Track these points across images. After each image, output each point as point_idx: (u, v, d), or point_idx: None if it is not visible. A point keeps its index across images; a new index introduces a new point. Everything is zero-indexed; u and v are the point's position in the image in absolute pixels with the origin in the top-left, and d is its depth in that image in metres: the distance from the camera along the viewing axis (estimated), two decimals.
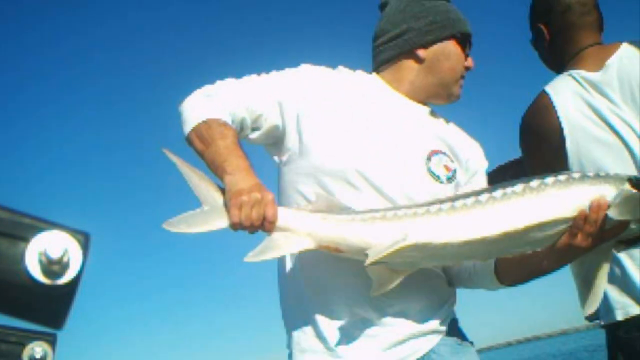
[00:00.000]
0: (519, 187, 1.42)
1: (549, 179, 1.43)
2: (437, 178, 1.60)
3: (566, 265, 1.52)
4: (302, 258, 1.59)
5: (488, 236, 1.39)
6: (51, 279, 0.59)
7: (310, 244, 1.43)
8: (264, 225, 1.38)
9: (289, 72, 1.66)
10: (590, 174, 1.45)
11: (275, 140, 1.63)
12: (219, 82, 1.61)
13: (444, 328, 1.61)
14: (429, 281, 1.61)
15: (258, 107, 1.58)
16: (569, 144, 1.90)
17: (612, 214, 1.38)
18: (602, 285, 1.51)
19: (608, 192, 1.40)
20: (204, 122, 1.50)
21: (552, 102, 1.94)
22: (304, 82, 1.63)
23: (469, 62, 1.73)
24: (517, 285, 1.61)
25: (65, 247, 0.59)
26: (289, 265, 1.64)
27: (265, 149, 1.69)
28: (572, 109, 1.91)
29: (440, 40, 1.69)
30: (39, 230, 0.59)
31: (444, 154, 1.65)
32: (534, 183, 1.42)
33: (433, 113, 1.74)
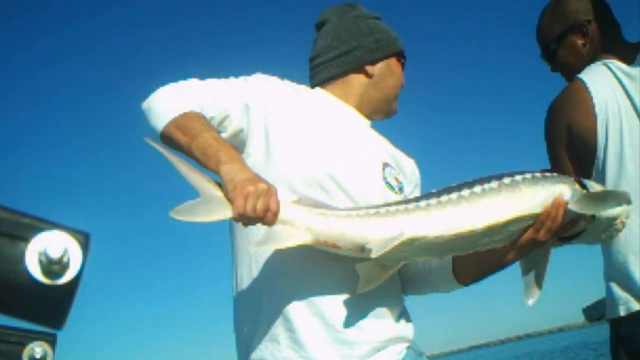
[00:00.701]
0: (494, 183, 1.50)
1: (518, 177, 1.52)
2: (392, 188, 1.66)
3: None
4: (264, 267, 1.58)
5: (474, 230, 1.45)
6: (51, 279, 0.58)
7: (308, 239, 1.42)
8: (267, 217, 1.34)
9: (252, 78, 1.66)
10: (548, 174, 1.55)
11: (236, 144, 1.57)
12: (182, 81, 1.58)
13: (411, 335, 1.64)
14: (394, 285, 1.65)
15: (226, 107, 1.56)
16: (600, 131, 1.91)
17: (572, 210, 1.50)
18: (544, 276, 1.60)
19: (565, 191, 1.52)
20: (182, 114, 1.47)
21: (587, 88, 1.94)
22: (268, 89, 1.64)
23: (404, 78, 1.82)
24: (473, 283, 1.67)
25: (65, 247, 0.59)
26: (248, 274, 1.61)
27: None
28: (607, 95, 1.92)
29: (387, 57, 1.77)
30: (39, 230, 0.59)
31: (392, 167, 1.71)
32: (507, 180, 1.51)
33: (374, 128, 1.80)
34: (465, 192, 1.48)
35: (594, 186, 1.60)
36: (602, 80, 1.94)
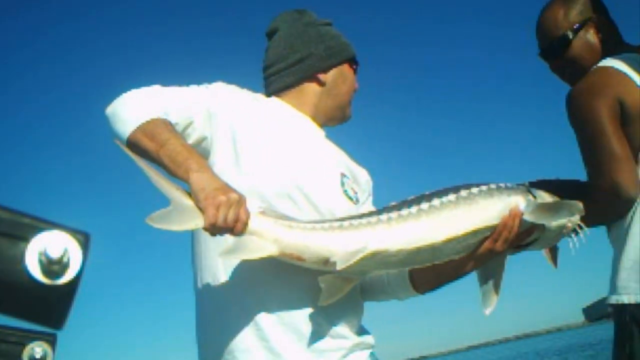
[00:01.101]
0: (451, 196, 1.53)
1: (475, 189, 1.55)
2: (350, 198, 1.67)
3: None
4: (230, 277, 1.56)
5: (434, 243, 1.48)
6: (51, 279, 0.58)
7: (274, 251, 1.42)
8: (237, 227, 1.34)
9: (214, 86, 1.65)
10: (502, 185, 1.58)
11: (200, 152, 1.52)
12: (146, 87, 1.55)
13: (373, 341, 1.67)
14: (357, 294, 1.67)
15: (190, 114, 1.54)
16: None
17: (527, 219, 1.53)
18: (500, 284, 1.63)
19: (520, 202, 1.55)
20: (149, 121, 1.43)
21: (619, 69, 1.90)
22: (231, 97, 1.63)
23: (357, 83, 1.82)
24: (430, 292, 1.69)
25: (65, 247, 0.59)
26: (213, 284, 1.59)
27: None
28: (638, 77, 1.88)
29: (339, 64, 1.77)
30: (39, 230, 0.59)
31: (348, 177, 1.72)
32: (463, 192, 1.54)
33: (327, 136, 1.80)
34: (425, 205, 1.51)
35: (543, 195, 1.63)
36: (628, 66, 1.90)
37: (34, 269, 0.58)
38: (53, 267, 0.58)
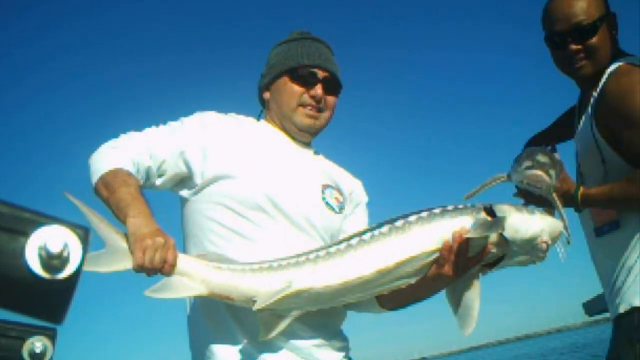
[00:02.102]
0: (385, 228, 1.58)
1: (412, 217, 1.59)
2: (331, 208, 1.79)
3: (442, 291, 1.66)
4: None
5: (362, 276, 1.54)
6: (51, 274, 0.58)
7: (203, 291, 1.55)
8: (164, 268, 1.48)
9: (187, 120, 1.81)
10: (450, 207, 1.60)
11: (181, 179, 1.76)
12: (122, 135, 1.75)
13: (345, 345, 1.80)
14: (333, 309, 1.73)
15: (161, 154, 1.72)
16: None
17: (472, 239, 1.53)
18: (476, 306, 1.63)
19: (466, 222, 1.56)
20: (109, 171, 1.62)
21: None
22: (204, 129, 1.78)
23: (315, 90, 1.84)
24: (397, 309, 1.77)
25: (65, 241, 0.59)
26: (195, 305, 1.77)
27: (171, 189, 1.81)
28: None
29: (275, 79, 1.88)
30: (39, 224, 0.59)
31: (332, 187, 1.84)
32: (399, 222, 1.59)
33: (316, 152, 1.94)
34: (354, 240, 1.58)
35: (503, 209, 1.60)
36: None
37: (34, 264, 0.58)
38: (53, 261, 0.58)
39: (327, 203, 1.78)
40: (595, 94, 2.06)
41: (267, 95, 1.92)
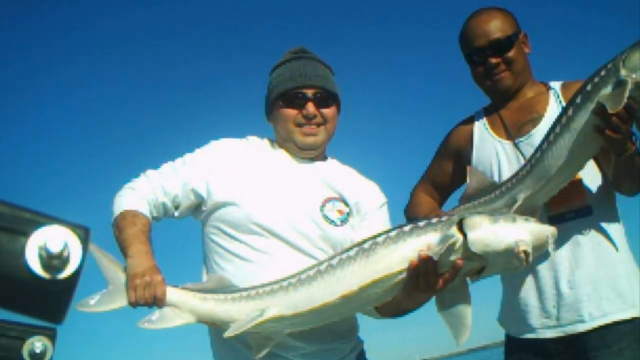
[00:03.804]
0: (353, 251, 1.63)
1: (380, 238, 1.61)
2: (331, 222, 1.85)
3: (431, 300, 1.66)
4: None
5: (327, 302, 1.60)
6: (51, 274, 0.58)
7: (192, 319, 1.73)
8: (156, 303, 1.67)
9: (198, 152, 1.98)
10: (422, 223, 1.60)
11: (196, 207, 1.94)
12: (141, 175, 1.94)
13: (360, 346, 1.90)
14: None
15: (173, 190, 1.90)
16: None
17: (441, 256, 1.50)
18: (468, 315, 1.63)
19: (433, 239, 1.55)
20: (120, 213, 1.82)
21: None
22: (210, 156, 1.94)
23: (307, 110, 1.93)
24: (395, 317, 1.81)
25: (65, 241, 0.59)
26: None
27: (192, 216, 2.00)
28: None
29: (273, 103, 1.98)
30: (39, 224, 0.59)
31: (337, 200, 1.91)
32: (367, 244, 1.62)
33: (326, 165, 2.02)
34: (324, 266, 1.64)
35: (474, 222, 1.55)
36: None
37: (34, 264, 0.58)
38: (53, 261, 0.58)
39: (326, 217, 1.85)
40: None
41: (271, 121, 2.02)
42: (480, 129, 2.19)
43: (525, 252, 1.52)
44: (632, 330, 1.92)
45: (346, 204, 1.91)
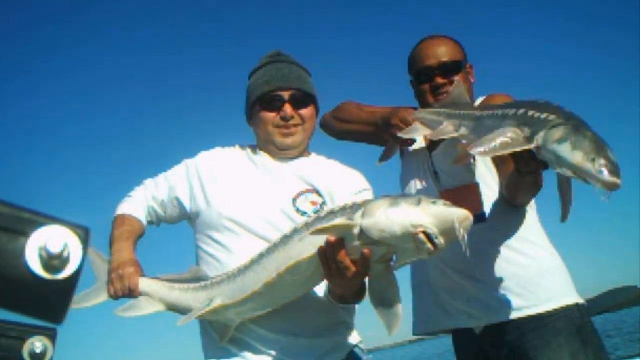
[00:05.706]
0: (279, 239, 1.69)
1: (300, 225, 1.67)
2: (303, 213, 1.90)
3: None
4: None
5: (255, 290, 1.68)
6: (51, 274, 0.58)
7: (161, 307, 1.88)
8: (130, 293, 1.84)
9: (185, 162, 2.11)
10: (336, 208, 1.66)
11: (182, 213, 2.08)
12: (141, 184, 2.12)
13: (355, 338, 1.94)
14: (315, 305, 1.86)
15: (159, 196, 2.07)
16: None
17: (347, 244, 1.54)
18: (398, 304, 1.62)
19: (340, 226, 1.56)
20: (114, 218, 2.03)
21: None
22: (196, 167, 2.07)
23: (284, 112, 2.00)
24: (343, 304, 1.85)
25: (65, 241, 0.59)
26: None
27: (185, 221, 2.13)
28: None
29: (251, 108, 2.06)
30: (39, 224, 0.59)
31: (310, 192, 1.96)
32: (289, 231, 1.68)
33: (305, 161, 2.07)
34: (256, 255, 1.71)
35: (372, 207, 1.53)
36: None
37: (34, 264, 0.58)
38: (53, 261, 0.58)
39: (298, 209, 1.90)
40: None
41: (252, 125, 2.10)
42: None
43: (425, 234, 1.45)
44: (537, 325, 2.06)
45: (320, 194, 1.96)
